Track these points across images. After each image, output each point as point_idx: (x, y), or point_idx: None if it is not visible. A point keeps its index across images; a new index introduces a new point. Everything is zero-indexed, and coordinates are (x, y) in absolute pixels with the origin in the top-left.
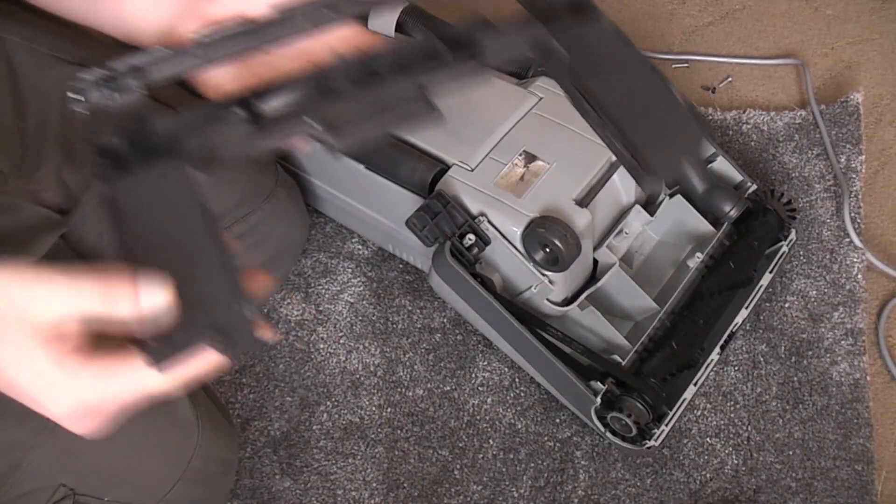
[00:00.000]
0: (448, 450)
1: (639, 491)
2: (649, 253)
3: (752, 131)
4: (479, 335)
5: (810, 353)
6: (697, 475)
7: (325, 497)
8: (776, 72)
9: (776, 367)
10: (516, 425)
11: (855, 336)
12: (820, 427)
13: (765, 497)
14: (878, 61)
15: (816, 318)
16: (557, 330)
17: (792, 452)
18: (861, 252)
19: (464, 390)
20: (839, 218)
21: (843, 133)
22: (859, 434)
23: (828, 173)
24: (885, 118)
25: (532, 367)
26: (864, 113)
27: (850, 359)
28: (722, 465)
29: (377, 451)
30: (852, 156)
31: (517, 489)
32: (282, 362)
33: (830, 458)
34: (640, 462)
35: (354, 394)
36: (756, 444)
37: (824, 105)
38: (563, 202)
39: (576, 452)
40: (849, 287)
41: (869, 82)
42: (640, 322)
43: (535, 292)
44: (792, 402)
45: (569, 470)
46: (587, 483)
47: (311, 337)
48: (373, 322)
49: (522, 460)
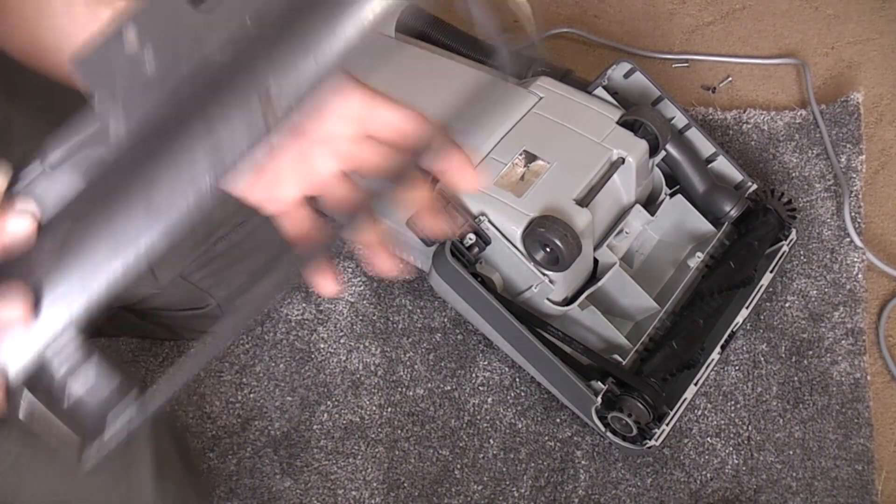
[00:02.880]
0: (448, 449)
1: (639, 491)
2: (650, 252)
3: (753, 131)
4: (479, 335)
5: (811, 352)
6: (698, 475)
7: (326, 497)
8: (776, 71)
9: (776, 366)
10: (517, 425)
11: (855, 336)
12: (820, 427)
13: (765, 497)
14: (879, 61)
15: (817, 318)
16: (558, 330)
17: (792, 452)
18: (861, 252)
19: (464, 390)
20: (839, 218)
21: (843, 133)
22: (860, 434)
23: (828, 173)
24: (885, 118)
25: (532, 366)
26: (864, 113)
27: (850, 358)
28: (722, 464)
29: (378, 451)
30: (852, 155)
31: (517, 489)
32: (282, 362)
33: (831, 457)
34: (641, 462)
35: (355, 393)
36: (756, 443)
37: (824, 105)
38: (563, 202)
39: (576, 452)
40: (849, 287)
41: (869, 82)
42: (640, 322)
43: (535, 292)
44: (792, 402)
45: (569, 470)
46: (587, 483)
47: (312, 337)
48: (373, 322)
49: (523, 460)
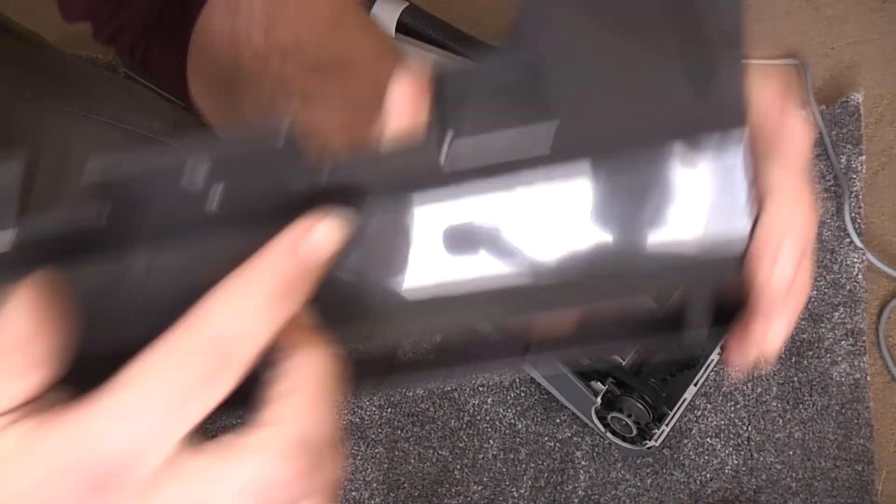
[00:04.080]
0: (448, 450)
1: (639, 491)
2: None
3: None
4: None
5: (810, 353)
6: (698, 475)
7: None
8: None
9: (776, 367)
10: (516, 425)
11: (855, 336)
12: (820, 427)
13: (765, 497)
14: (879, 62)
15: (817, 318)
16: None
17: (792, 452)
18: (861, 252)
19: (464, 390)
20: (839, 218)
21: (843, 133)
22: (859, 434)
23: (828, 173)
24: (885, 118)
25: (532, 366)
26: (864, 113)
27: (850, 359)
28: (722, 465)
29: (377, 452)
30: (852, 156)
31: (517, 489)
32: None
33: (831, 458)
34: (641, 462)
35: (354, 393)
36: (756, 444)
37: (824, 105)
38: None
39: (576, 452)
40: (849, 287)
41: (869, 83)
42: None
43: None
44: (792, 403)
45: (569, 470)
46: (587, 483)
47: None
48: None
49: (523, 460)
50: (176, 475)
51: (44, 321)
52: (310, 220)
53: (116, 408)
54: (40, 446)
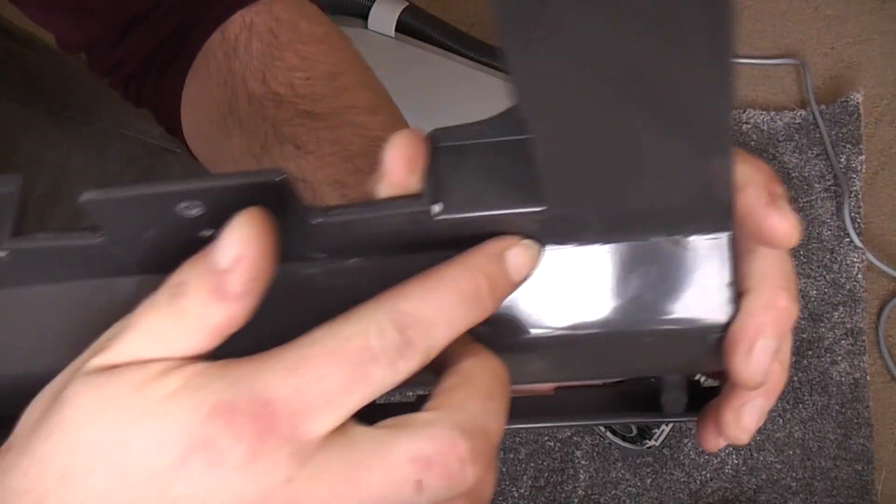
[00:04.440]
0: None
1: (639, 491)
2: None
3: (752, 131)
4: None
5: (810, 352)
6: (697, 475)
7: None
8: (776, 71)
9: None
10: None
11: (855, 336)
12: (820, 427)
13: (765, 497)
14: (878, 61)
15: (816, 318)
16: None
17: (792, 452)
18: (861, 252)
19: None
20: (839, 218)
21: (843, 133)
22: (859, 434)
23: (828, 173)
24: (885, 118)
25: None
26: (864, 113)
27: (850, 359)
28: (722, 464)
29: None
30: (852, 156)
31: (517, 489)
32: None
33: (830, 457)
34: (640, 462)
35: None
36: (756, 443)
37: (824, 105)
38: None
39: (576, 452)
40: (849, 287)
41: (869, 82)
42: None
43: None
44: (792, 402)
45: (569, 470)
46: (587, 483)
47: None
48: None
49: (522, 460)
50: (346, 441)
51: (255, 246)
52: (511, 237)
53: (297, 361)
54: (207, 386)
